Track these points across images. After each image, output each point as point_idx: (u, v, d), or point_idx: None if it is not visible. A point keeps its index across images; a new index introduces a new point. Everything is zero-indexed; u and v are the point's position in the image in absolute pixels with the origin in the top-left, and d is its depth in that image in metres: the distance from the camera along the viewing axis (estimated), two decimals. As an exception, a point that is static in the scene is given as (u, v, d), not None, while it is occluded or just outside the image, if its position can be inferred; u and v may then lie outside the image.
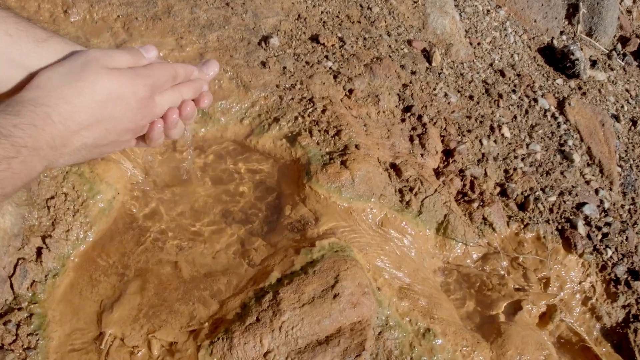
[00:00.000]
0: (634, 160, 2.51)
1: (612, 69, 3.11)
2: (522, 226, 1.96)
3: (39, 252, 1.41)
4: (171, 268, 1.41)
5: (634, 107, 2.91)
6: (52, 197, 1.50)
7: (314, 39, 2.19)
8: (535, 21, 3.11)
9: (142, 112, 0.95)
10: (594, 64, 2.96)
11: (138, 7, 2.00)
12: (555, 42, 3.02)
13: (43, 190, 1.49)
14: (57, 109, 0.80)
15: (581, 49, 2.91)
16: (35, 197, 1.47)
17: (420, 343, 1.42)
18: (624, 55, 3.35)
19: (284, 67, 1.98)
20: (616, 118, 2.74)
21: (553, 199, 2.07)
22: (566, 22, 3.30)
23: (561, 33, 3.20)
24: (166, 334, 1.28)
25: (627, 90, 3.00)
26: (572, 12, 3.33)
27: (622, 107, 2.84)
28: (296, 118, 1.80)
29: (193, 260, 1.43)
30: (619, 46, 3.43)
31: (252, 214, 1.59)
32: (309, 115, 1.81)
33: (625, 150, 2.54)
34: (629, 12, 3.74)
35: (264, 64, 1.97)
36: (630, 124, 2.77)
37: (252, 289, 1.35)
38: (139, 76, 0.94)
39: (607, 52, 3.27)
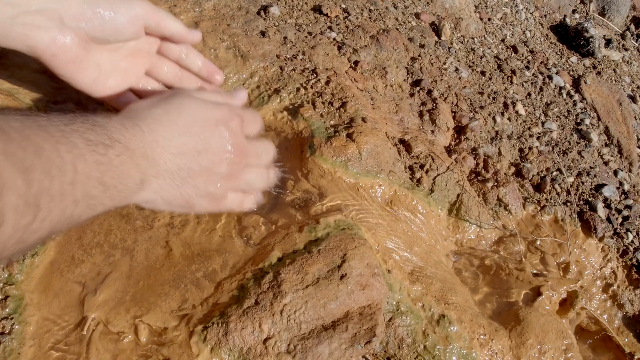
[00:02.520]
0: (652, 142, 2.38)
1: (626, 50, 2.98)
2: (538, 208, 1.83)
3: (15, 229, 1.28)
4: (161, 247, 1.28)
5: (650, 89, 2.78)
6: (32, 171, 1.37)
7: (317, 9, 2.06)
8: (546, -1, 2.97)
9: (232, 140, 0.95)
10: (608, 43, 2.82)
11: (128, -29, 1.87)
12: (567, 20, 2.88)
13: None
14: (144, 121, 0.81)
15: (595, 28, 2.77)
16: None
17: (435, 330, 1.29)
18: (638, 35, 3.22)
19: (285, 37, 1.85)
20: (632, 99, 2.61)
21: (571, 179, 1.94)
22: (578, 1, 3.16)
23: (573, 11, 3.07)
24: (155, 319, 1.16)
25: (642, 71, 2.87)
26: (584, -10, 3.19)
27: (638, 87, 2.71)
28: (298, 89, 1.67)
29: (185, 239, 1.30)
30: (632, 27, 3.29)
31: (251, 191, 1.46)
32: (312, 87, 1.68)
33: (643, 132, 2.41)
34: (642, -8, 3.60)
35: (263, 33, 1.84)
36: (647, 105, 2.64)
37: (250, 270, 1.22)
38: (227, 106, 0.96)
39: (621, 32, 3.14)
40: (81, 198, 0.64)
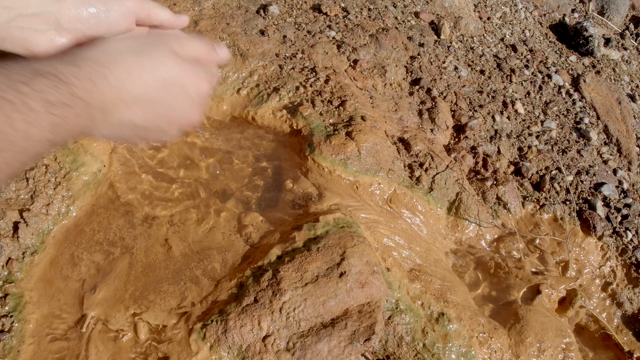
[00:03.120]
0: (651, 141, 2.38)
1: (625, 49, 2.98)
2: (538, 207, 1.83)
3: (15, 227, 1.28)
4: (161, 245, 1.29)
5: (650, 88, 2.78)
6: (32, 169, 1.37)
7: (316, 8, 2.06)
8: (546, -2, 2.97)
9: (199, 108, 0.95)
10: (607, 42, 2.82)
11: (128, -30, 1.87)
12: (567, 19, 2.88)
13: (21, 161, 1.36)
14: (115, 73, 0.79)
15: (594, 27, 2.77)
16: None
17: (434, 328, 1.29)
18: (637, 35, 3.22)
19: (284, 36, 1.85)
20: (632, 98, 2.60)
21: (570, 178, 1.94)
22: (577, 0, 3.16)
23: (573, 11, 3.07)
24: (154, 316, 1.16)
25: (641, 70, 2.87)
26: (583, -10, 3.20)
27: (637, 86, 2.71)
28: (297, 88, 1.67)
29: (185, 237, 1.30)
30: (632, 26, 3.30)
31: (250, 189, 1.46)
32: (311, 85, 1.68)
33: (643, 131, 2.41)
34: (641, -8, 3.60)
35: (262, 32, 1.84)
36: (646, 104, 2.64)
37: (249, 268, 1.22)
38: (205, 72, 0.95)
39: (620, 31, 3.14)
40: (28, 160, 0.67)
